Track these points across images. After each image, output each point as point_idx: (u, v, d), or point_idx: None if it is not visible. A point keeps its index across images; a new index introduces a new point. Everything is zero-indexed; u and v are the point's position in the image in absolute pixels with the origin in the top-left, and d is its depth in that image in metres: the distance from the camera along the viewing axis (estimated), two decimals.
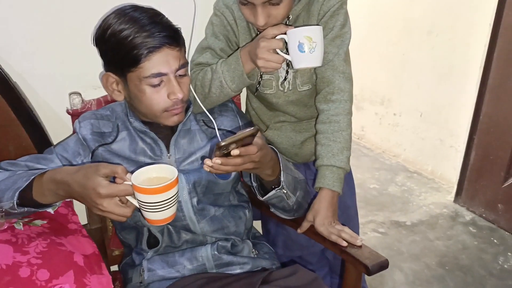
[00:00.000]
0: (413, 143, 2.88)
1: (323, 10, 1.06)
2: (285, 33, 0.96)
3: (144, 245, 1.05)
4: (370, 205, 2.45)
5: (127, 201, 0.80)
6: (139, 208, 0.79)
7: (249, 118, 1.29)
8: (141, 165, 0.98)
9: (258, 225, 1.37)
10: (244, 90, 1.26)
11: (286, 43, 0.97)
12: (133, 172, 0.79)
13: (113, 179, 0.80)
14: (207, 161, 0.82)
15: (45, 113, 1.13)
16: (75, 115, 1.11)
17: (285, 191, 1.00)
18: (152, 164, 0.84)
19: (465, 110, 2.41)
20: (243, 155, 0.83)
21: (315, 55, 0.95)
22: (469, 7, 2.36)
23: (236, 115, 1.13)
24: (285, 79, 1.13)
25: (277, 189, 0.98)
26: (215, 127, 1.02)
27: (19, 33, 1.07)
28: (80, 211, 1.11)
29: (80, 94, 1.14)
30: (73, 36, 1.12)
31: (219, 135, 1.00)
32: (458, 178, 2.45)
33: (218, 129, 1.03)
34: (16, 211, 0.84)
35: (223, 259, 1.03)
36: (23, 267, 0.74)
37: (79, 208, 1.09)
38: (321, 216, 1.04)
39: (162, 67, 0.90)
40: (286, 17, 1.03)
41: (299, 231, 1.10)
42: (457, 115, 2.54)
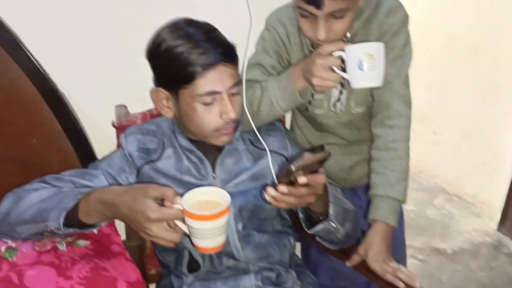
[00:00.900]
0: (453, 163, 2.76)
1: (383, 28, 0.99)
2: (343, 50, 0.89)
3: (184, 268, 1.00)
4: (408, 229, 2.30)
5: (175, 225, 0.76)
6: (189, 234, 0.75)
7: (296, 138, 1.23)
8: (186, 185, 0.94)
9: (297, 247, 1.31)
10: None
11: (343, 60, 0.91)
12: (182, 195, 0.75)
13: (161, 202, 0.76)
14: (271, 191, 0.76)
15: (90, 125, 1.10)
16: (120, 129, 1.08)
17: (334, 225, 0.93)
18: (199, 185, 0.81)
19: (511, 131, 2.29)
20: (310, 186, 0.77)
21: (376, 74, 0.89)
22: None
23: (284, 136, 1.08)
24: (338, 99, 1.07)
25: (325, 222, 0.91)
26: (267, 149, 0.96)
27: (67, 45, 1.05)
28: (119, 227, 1.07)
29: (126, 107, 1.11)
30: (120, 48, 1.10)
31: (270, 159, 0.95)
32: (502, 204, 2.33)
33: (270, 150, 0.97)
34: (61, 232, 0.81)
35: None
36: None
37: (118, 223, 1.06)
38: (374, 251, 0.97)
39: (216, 85, 0.86)
40: (346, 33, 0.97)
41: (348, 264, 1.03)
42: (502, 137, 2.41)
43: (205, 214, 0.71)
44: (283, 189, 0.75)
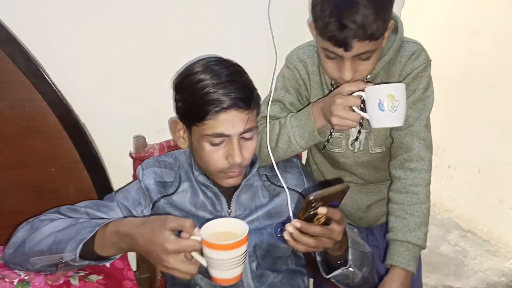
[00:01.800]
0: (468, 199, 2.70)
1: (405, 71, 0.99)
2: (363, 90, 0.89)
3: None
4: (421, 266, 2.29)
5: (192, 257, 0.75)
6: (206, 265, 0.74)
7: (312, 174, 1.22)
8: (200, 220, 0.93)
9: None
10: None
11: (363, 101, 0.91)
12: (200, 226, 0.75)
13: (179, 233, 0.75)
14: (289, 228, 0.74)
15: (108, 155, 1.11)
16: (137, 159, 1.08)
17: (352, 270, 0.90)
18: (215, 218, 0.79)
19: None
20: (326, 228, 0.76)
21: (397, 114, 0.88)
22: None
23: (301, 173, 1.06)
24: (356, 139, 1.06)
25: (343, 268, 0.89)
26: (285, 186, 0.95)
27: (89, 77, 1.07)
28: (130, 259, 1.06)
29: (144, 138, 1.11)
30: (140, 80, 1.11)
31: (289, 197, 0.93)
32: None
33: (288, 188, 0.96)
34: (76, 264, 0.80)
35: None
36: None
37: (129, 254, 1.05)
38: None
39: (226, 128, 0.85)
40: (369, 74, 0.97)
41: None
42: None
43: (224, 244, 0.70)
44: (297, 224, 0.73)
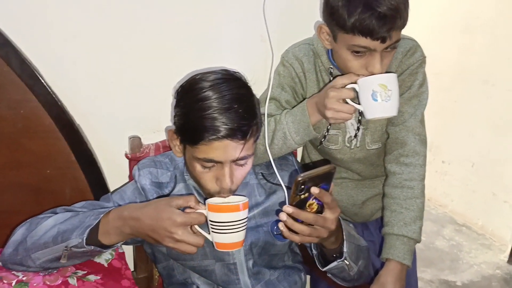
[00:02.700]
0: (462, 194, 2.73)
1: (401, 67, 1.00)
2: (356, 82, 0.89)
3: None
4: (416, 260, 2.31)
5: (197, 231, 0.79)
6: (210, 232, 0.79)
7: None
8: None
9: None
10: None
11: (356, 93, 0.91)
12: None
13: (183, 210, 0.78)
14: (282, 216, 0.75)
15: (104, 156, 1.10)
16: (133, 160, 1.08)
17: (348, 262, 0.91)
18: None
19: None
20: (318, 216, 0.77)
21: (391, 104, 0.88)
22: None
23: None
24: (355, 135, 1.06)
25: (339, 260, 0.90)
26: (282, 184, 0.95)
27: (84, 77, 1.07)
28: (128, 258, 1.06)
29: (139, 138, 1.11)
30: (135, 77, 1.11)
31: (286, 194, 0.93)
32: None
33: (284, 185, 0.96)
34: (82, 249, 0.80)
35: None
36: None
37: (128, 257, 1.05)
38: None
39: (217, 155, 0.83)
40: None
41: None
42: None
43: (229, 205, 0.78)
44: (289, 209, 0.74)
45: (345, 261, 0.90)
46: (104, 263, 0.89)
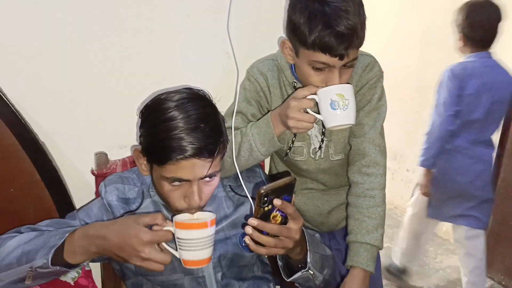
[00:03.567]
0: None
1: (361, 82, 1.05)
2: (315, 94, 0.94)
3: None
4: (384, 267, 2.36)
5: (164, 248, 0.79)
6: (177, 249, 0.79)
7: None
8: None
9: None
10: None
11: (317, 104, 0.95)
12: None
13: (150, 228, 0.78)
14: (248, 229, 0.77)
15: (69, 173, 1.09)
16: (99, 176, 1.08)
17: (312, 272, 0.94)
18: None
19: None
20: (283, 227, 0.79)
21: (348, 113, 0.92)
22: None
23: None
24: (320, 147, 1.10)
25: (303, 271, 0.92)
26: (249, 196, 0.97)
27: (47, 94, 1.06)
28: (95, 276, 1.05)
29: (106, 154, 1.11)
30: (100, 93, 1.11)
31: (253, 204, 0.95)
32: None
33: (252, 197, 0.98)
34: (48, 270, 0.79)
35: None
36: None
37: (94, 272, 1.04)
38: None
39: (185, 174, 0.84)
40: None
41: None
42: None
43: (196, 223, 0.79)
44: (254, 221, 0.76)
45: (309, 271, 0.92)
46: (70, 282, 0.88)
